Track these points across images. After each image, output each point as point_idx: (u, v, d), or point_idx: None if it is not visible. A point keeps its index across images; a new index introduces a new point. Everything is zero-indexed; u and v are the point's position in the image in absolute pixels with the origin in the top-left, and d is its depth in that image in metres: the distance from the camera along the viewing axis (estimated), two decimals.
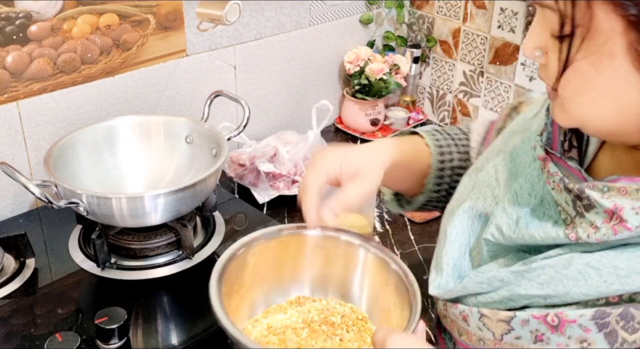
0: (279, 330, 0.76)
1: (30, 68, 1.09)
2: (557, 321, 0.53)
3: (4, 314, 0.91)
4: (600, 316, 0.50)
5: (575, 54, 0.49)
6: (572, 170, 0.57)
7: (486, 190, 0.65)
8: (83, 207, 0.92)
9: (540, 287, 0.54)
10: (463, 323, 0.60)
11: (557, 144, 0.60)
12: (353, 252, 0.80)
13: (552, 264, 0.53)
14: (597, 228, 0.50)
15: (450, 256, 0.64)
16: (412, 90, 1.70)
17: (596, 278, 0.51)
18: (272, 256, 0.79)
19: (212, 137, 1.09)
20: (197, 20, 1.28)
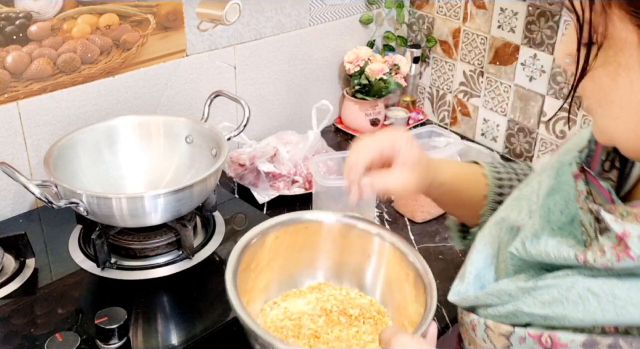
0: (295, 315, 0.76)
1: (30, 68, 1.09)
2: (550, 343, 0.52)
3: (4, 314, 0.91)
4: (590, 344, 0.49)
5: (592, 61, 0.48)
6: (602, 191, 0.55)
7: (524, 203, 0.64)
8: (83, 207, 0.92)
9: (541, 306, 0.53)
10: (472, 333, 0.60)
11: (597, 163, 0.58)
12: (371, 241, 0.79)
13: (557, 284, 0.53)
14: (604, 253, 0.49)
15: (474, 265, 0.63)
16: (412, 90, 1.70)
17: (594, 304, 0.50)
18: (292, 241, 0.79)
19: (212, 137, 1.09)
20: (197, 20, 1.28)
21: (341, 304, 0.78)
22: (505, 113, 1.53)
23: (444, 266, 1.15)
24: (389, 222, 1.28)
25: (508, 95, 1.51)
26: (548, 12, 1.37)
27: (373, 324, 0.77)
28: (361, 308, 0.78)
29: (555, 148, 1.45)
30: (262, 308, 0.78)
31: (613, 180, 0.57)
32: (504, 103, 1.53)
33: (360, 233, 0.79)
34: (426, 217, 1.28)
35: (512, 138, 1.54)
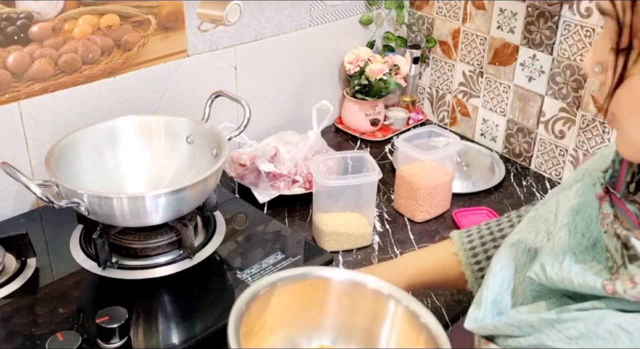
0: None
1: (32, 68, 1.09)
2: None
3: (5, 314, 0.92)
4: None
5: (631, 67, 0.46)
6: (629, 215, 0.53)
7: (541, 224, 0.61)
8: (84, 207, 0.93)
9: (568, 341, 0.50)
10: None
11: (622, 184, 0.55)
12: (382, 303, 0.75)
13: (584, 318, 0.50)
14: (635, 284, 0.46)
15: (490, 290, 0.61)
16: (412, 90, 1.70)
17: (626, 341, 0.47)
18: (297, 300, 0.75)
19: (213, 137, 1.10)
20: (197, 21, 1.29)
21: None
22: (504, 114, 1.54)
23: None
24: (389, 222, 1.28)
25: (507, 96, 1.51)
26: (547, 13, 1.37)
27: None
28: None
29: (554, 149, 1.45)
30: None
31: (639, 203, 0.54)
32: (503, 104, 1.53)
33: (371, 294, 0.75)
34: (426, 217, 1.28)
35: (511, 139, 1.55)
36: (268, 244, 1.09)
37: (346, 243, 1.19)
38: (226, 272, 1.03)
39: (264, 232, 1.12)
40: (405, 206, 1.29)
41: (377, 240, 1.22)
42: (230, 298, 0.97)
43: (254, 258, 1.05)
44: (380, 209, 1.31)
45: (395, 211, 1.31)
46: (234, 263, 1.05)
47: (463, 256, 0.83)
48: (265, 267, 1.03)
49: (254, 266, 1.03)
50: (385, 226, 1.27)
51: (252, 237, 1.11)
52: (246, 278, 1.00)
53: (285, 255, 1.06)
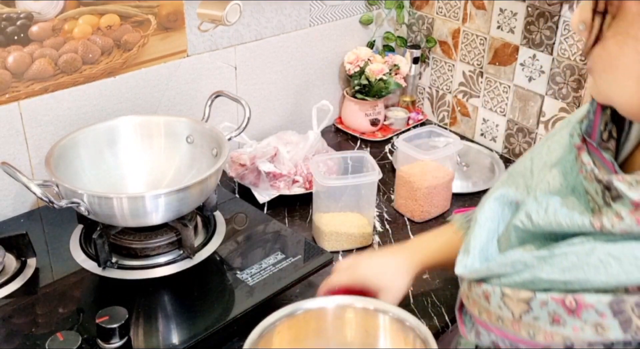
0: None
1: (32, 68, 1.09)
2: (575, 305, 0.54)
3: (5, 314, 0.92)
4: (616, 303, 0.52)
5: (605, 31, 0.52)
6: (605, 162, 0.58)
7: (520, 180, 0.68)
8: (84, 207, 0.93)
9: (561, 273, 0.55)
10: (484, 302, 0.62)
11: (597, 133, 0.61)
12: (371, 317, 0.81)
13: (574, 251, 0.55)
14: (621, 219, 0.52)
15: (477, 239, 0.66)
16: (412, 90, 1.70)
17: (616, 267, 0.52)
18: (295, 334, 0.80)
19: (213, 137, 1.10)
20: (197, 21, 1.29)
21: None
22: (504, 114, 1.54)
23: None
24: (389, 222, 1.28)
25: (507, 96, 1.51)
26: (547, 13, 1.37)
27: None
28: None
29: None
30: None
31: (612, 150, 0.61)
32: (503, 104, 1.53)
33: (359, 312, 0.81)
34: (426, 217, 1.28)
35: (511, 138, 1.55)
36: (268, 244, 1.09)
37: (346, 243, 1.19)
38: (226, 272, 1.03)
39: (264, 232, 1.12)
40: (405, 206, 1.29)
41: (377, 240, 1.22)
42: (231, 298, 0.97)
43: (254, 258, 1.05)
44: (380, 209, 1.31)
45: (395, 211, 1.31)
46: (234, 263, 1.05)
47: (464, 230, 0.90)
48: (265, 267, 1.03)
49: (254, 266, 1.03)
50: (385, 226, 1.27)
51: (252, 237, 1.11)
52: (246, 278, 1.00)
53: (285, 255, 1.06)
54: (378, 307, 0.80)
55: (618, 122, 0.62)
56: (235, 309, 0.94)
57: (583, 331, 0.54)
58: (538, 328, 0.57)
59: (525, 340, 0.59)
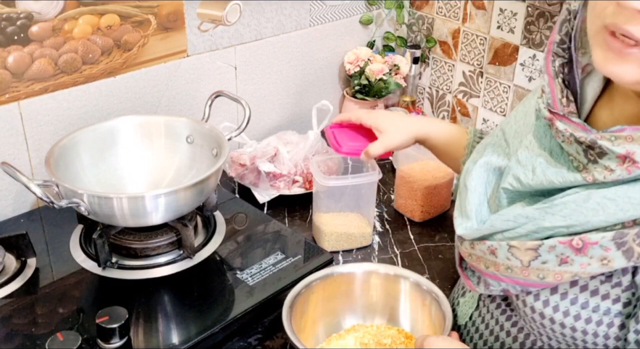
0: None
1: (32, 68, 1.09)
2: (581, 244, 0.61)
3: (5, 314, 0.92)
4: (619, 237, 0.59)
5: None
6: (577, 125, 0.64)
7: (498, 149, 0.75)
8: (84, 207, 0.93)
9: (563, 219, 0.62)
10: (491, 256, 0.68)
11: (557, 102, 0.67)
12: (393, 282, 0.96)
13: (572, 200, 0.62)
14: (612, 171, 0.59)
15: (472, 203, 0.73)
16: (412, 90, 1.70)
17: (613, 207, 0.59)
18: (328, 294, 0.95)
19: (213, 137, 1.10)
20: (197, 21, 1.29)
21: (375, 338, 0.94)
22: (504, 114, 1.54)
23: (444, 265, 1.15)
24: (389, 222, 1.28)
25: (507, 96, 1.51)
26: (547, 13, 1.37)
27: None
28: (392, 338, 0.95)
29: None
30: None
31: (574, 112, 0.67)
32: (504, 104, 1.53)
33: (383, 276, 0.97)
34: (426, 217, 1.28)
35: None
36: (268, 244, 1.09)
37: (346, 243, 1.19)
38: (226, 272, 1.03)
39: (264, 232, 1.13)
40: (405, 206, 1.29)
41: (377, 240, 1.22)
42: (230, 298, 0.97)
43: (254, 258, 1.05)
44: (380, 209, 1.31)
45: (395, 211, 1.31)
46: (234, 263, 1.05)
47: (470, 138, 1.00)
48: (265, 267, 1.03)
49: (254, 266, 1.03)
50: (385, 226, 1.27)
51: (252, 237, 1.11)
52: (246, 278, 1.00)
53: (285, 255, 1.06)
54: (398, 273, 0.96)
55: (569, 86, 0.69)
56: (235, 309, 0.94)
57: (590, 265, 0.61)
58: (547, 271, 0.64)
59: (535, 283, 0.65)
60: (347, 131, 1.11)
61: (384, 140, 1.03)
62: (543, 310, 0.67)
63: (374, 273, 0.97)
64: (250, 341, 0.98)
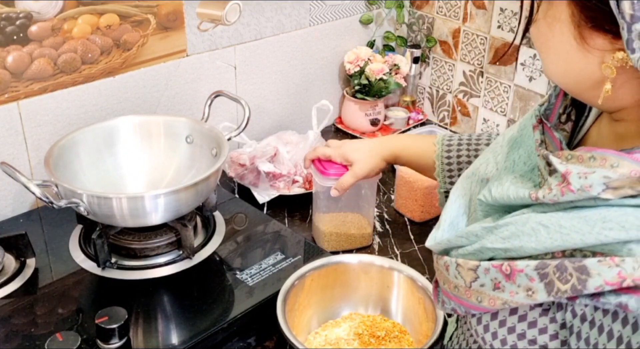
0: (334, 341, 0.95)
1: (31, 68, 1.09)
2: (510, 270, 0.58)
3: (5, 314, 0.92)
4: (541, 267, 0.56)
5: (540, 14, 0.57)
6: (555, 140, 0.63)
7: (490, 155, 0.73)
8: (83, 207, 0.92)
9: (502, 241, 0.60)
10: (445, 272, 0.67)
11: (555, 116, 0.66)
12: (388, 274, 0.99)
13: (514, 221, 0.59)
14: (551, 190, 0.56)
15: (448, 214, 0.71)
16: (412, 90, 1.70)
17: (544, 234, 0.56)
18: (325, 282, 0.98)
19: (213, 137, 1.09)
20: (197, 21, 1.29)
21: (370, 329, 0.96)
22: (505, 113, 1.54)
23: None
24: (389, 222, 1.28)
25: (508, 95, 1.51)
26: None
27: (397, 342, 0.95)
28: (386, 330, 0.96)
29: None
30: (306, 338, 0.96)
31: (567, 131, 0.66)
32: (504, 103, 1.53)
33: (379, 269, 0.99)
34: (426, 217, 1.28)
35: None
36: (268, 244, 1.09)
37: (346, 243, 1.18)
38: (226, 272, 1.03)
39: (263, 232, 1.12)
40: (405, 206, 1.29)
41: (377, 240, 1.22)
42: (230, 298, 0.97)
43: (253, 258, 1.05)
44: (380, 209, 1.31)
45: (395, 211, 1.31)
46: (234, 263, 1.04)
47: (439, 149, 1.01)
48: (265, 267, 1.02)
49: (254, 266, 1.03)
50: (385, 226, 1.27)
51: (251, 237, 1.11)
52: (246, 278, 1.00)
53: (285, 255, 1.05)
54: (393, 266, 0.99)
55: (579, 107, 0.67)
56: (235, 310, 0.94)
57: (518, 294, 0.58)
58: (484, 294, 0.61)
59: (475, 306, 0.63)
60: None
61: (353, 170, 1.06)
62: (484, 335, 0.65)
63: (369, 264, 0.99)
64: (250, 341, 0.97)
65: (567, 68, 0.57)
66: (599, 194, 0.53)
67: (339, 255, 1.02)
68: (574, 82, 0.58)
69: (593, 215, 0.54)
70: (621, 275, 0.51)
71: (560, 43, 0.56)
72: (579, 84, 0.58)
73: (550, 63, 0.59)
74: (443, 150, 1.01)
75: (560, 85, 0.61)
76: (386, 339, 0.95)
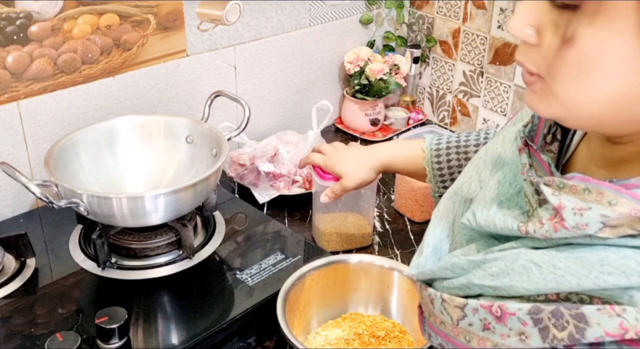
0: (334, 341, 0.95)
1: (31, 68, 1.09)
2: (500, 312, 0.54)
3: (5, 314, 0.92)
4: (535, 312, 0.51)
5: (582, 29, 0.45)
6: (543, 163, 0.57)
7: (473, 172, 0.66)
8: (83, 207, 0.92)
9: (491, 278, 0.55)
10: (430, 305, 0.62)
11: (540, 137, 0.60)
12: (388, 274, 0.99)
13: (503, 257, 0.54)
14: (542, 225, 0.51)
15: (431, 238, 0.65)
16: (412, 90, 1.70)
17: (537, 274, 0.51)
18: (325, 281, 0.98)
19: (213, 137, 1.09)
20: (197, 21, 1.29)
21: (370, 329, 0.96)
22: (505, 113, 1.54)
23: None
24: (389, 222, 1.28)
25: (508, 95, 1.51)
26: None
27: (397, 342, 0.95)
28: (386, 330, 0.96)
29: None
30: (306, 338, 0.96)
31: (554, 152, 0.60)
32: (504, 104, 1.53)
33: (379, 269, 1.00)
34: (426, 217, 1.28)
35: None
36: (268, 244, 1.09)
37: (346, 243, 1.18)
38: (226, 272, 1.03)
39: (263, 232, 1.12)
40: (405, 206, 1.29)
41: (377, 240, 1.22)
42: (230, 298, 0.97)
43: (253, 258, 1.05)
44: (380, 209, 1.31)
45: (395, 211, 1.31)
46: (234, 263, 1.04)
47: (427, 154, 0.99)
48: (265, 267, 1.02)
49: (254, 266, 1.03)
50: (385, 226, 1.27)
51: (251, 237, 1.11)
52: (246, 278, 1.00)
53: (285, 255, 1.05)
54: (393, 266, 0.99)
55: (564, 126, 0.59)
56: (235, 310, 0.94)
57: (510, 338, 0.53)
58: (473, 334, 0.57)
59: (463, 345, 0.58)
60: None
61: (341, 183, 1.04)
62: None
63: (368, 264, 1.00)
64: (250, 341, 0.97)
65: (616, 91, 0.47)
66: (596, 233, 0.48)
67: (339, 255, 1.02)
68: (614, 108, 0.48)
69: (590, 257, 0.49)
70: (623, 326, 0.46)
71: (616, 62, 0.45)
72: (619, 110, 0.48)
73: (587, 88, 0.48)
74: (432, 156, 0.99)
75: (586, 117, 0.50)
76: (386, 339, 0.95)
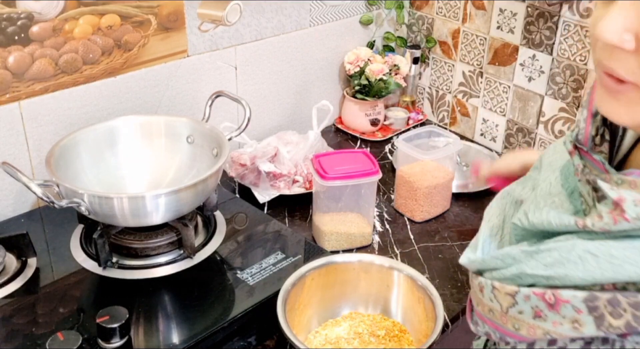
0: (334, 340, 0.96)
1: (32, 68, 1.10)
2: (554, 300, 0.55)
3: (6, 314, 0.92)
4: (591, 300, 0.52)
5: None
6: (596, 163, 0.58)
7: (527, 179, 0.69)
8: (84, 207, 0.93)
9: (544, 268, 0.56)
10: (479, 294, 0.63)
11: (588, 139, 0.61)
12: (387, 274, 0.99)
13: (558, 247, 0.55)
14: (601, 218, 0.52)
15: (482, 235, 0.67)
16: (412, 90, 1.70)
17: (593, 264, 0.52)
18: (325, 281, 0.99)
19: (213, 137, 1.10)
20: (198, 21, 1.29)
21: (370, 328, 0.97)
22: (504, 114, 1.54)
23: (443, 265, 1.16)
24: (389, 222, 1.28)
25: (507, 96, 1.52)
26: (547, 13, 1.37)
27: (397, 342, 0.95)
28: (386, 329, 0.97)
29: None
30: (306, 337, 0.96)
31: (605, 152, 0.61)
32: (503, 104, 1.53)
33: (379, 268, 1.00)
34: (425, 217, 1.28)
35: (511, 139, 1.55)
36: (268, 244, 1.09)
37: (346, 243, 1.19)
38: (226, 272, 1.03)
39: (264, 232, 1.13)
40: (405, 206, 1.29)
41: (377, 240, 1.22)
42: (231, 298, 0.98)
43: (254, 258, 1.05)
44: (380, 209, 1.31)
45: (395, 211, 1.31)
46: (234, 262, 1.05)
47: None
48: (265, 267, 1.03)
49: (254, 266, 1.03)
50: (385, 226, 1.27)
51: (252, 237, 1.11)
52: (246, 277, 1.00)
53: (286, 255, 1.06)
54: (392, 265, 0.99)
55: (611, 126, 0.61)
56: (236, 309, 0.94)
57: (562, 325, 0.54)
58: (522, 322, 0.58)
59: (511, 333, 0.60)
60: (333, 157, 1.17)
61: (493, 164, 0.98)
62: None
63: (368, 264, 1.00)
64: (250, 340, 0.98)
65: None
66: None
67: (339, 255, 1.02)
68: None
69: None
70: None
71: None
72: None
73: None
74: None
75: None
76: (386, 338, 0.96)
